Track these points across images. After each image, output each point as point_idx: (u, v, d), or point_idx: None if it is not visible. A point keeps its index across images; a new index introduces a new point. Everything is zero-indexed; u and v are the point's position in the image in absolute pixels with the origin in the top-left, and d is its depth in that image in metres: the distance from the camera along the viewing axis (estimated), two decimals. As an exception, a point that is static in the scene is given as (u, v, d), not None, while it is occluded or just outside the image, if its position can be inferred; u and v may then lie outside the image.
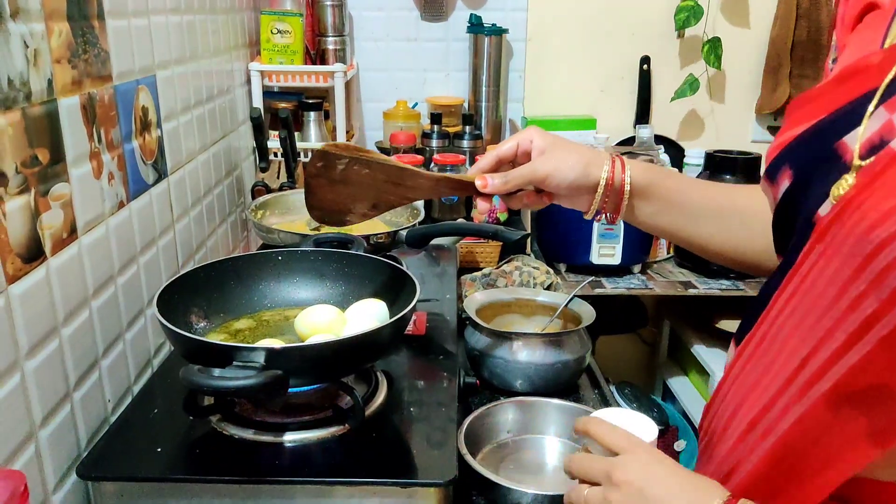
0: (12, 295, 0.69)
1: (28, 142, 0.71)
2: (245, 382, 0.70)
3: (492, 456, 0.94)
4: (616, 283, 1.80)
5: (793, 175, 0.63)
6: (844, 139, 0.59)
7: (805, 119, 0.64)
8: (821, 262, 0.57)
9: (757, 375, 0.63)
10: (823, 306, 0.56)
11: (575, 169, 0.81)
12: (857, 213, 0.54)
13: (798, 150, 0.64)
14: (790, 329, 0.60)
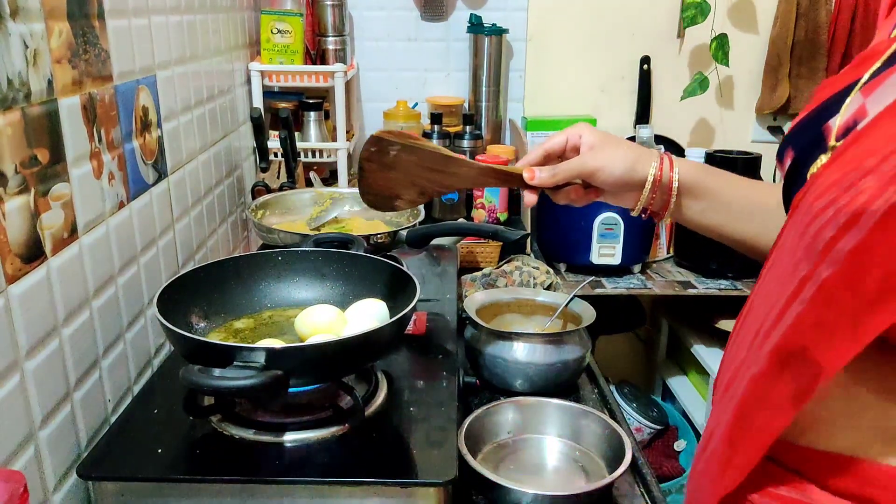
0: (12, 295, 0.69)
1: (28, 142, 0.71)
2: (245, 382, 0.70)
3: (492, 456, 0.94)
4: (616, 282, 1.80)
5: (793, 155, 0.66)
6: (829, 122, 0.61)
7: (815, 103, 0.66)
8: (787, 239, 0.60)
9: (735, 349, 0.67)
10: (782, 279, 0.58)
11: (624, 164, 0.81)
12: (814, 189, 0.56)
13: (798, 132, 0.66)
14: (759, 302, 0.63)
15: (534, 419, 0.98)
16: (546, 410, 0.98)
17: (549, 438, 0.97)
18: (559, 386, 1.07)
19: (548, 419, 0.98)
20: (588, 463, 0.93)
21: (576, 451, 0.95)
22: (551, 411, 0.98)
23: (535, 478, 0.92)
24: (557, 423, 0.98)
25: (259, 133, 1.55)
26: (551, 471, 0.94)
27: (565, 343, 1.06)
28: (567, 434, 0.97)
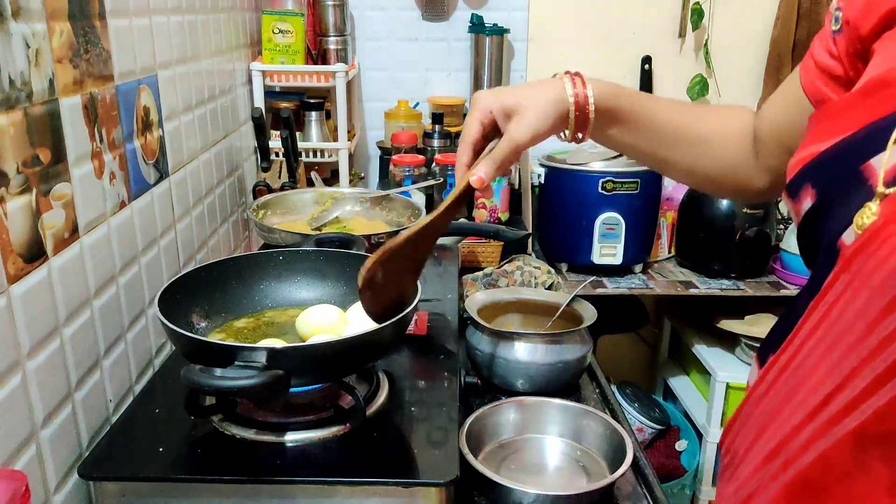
0: (13, 295, 0.69)
1: (29, 141, 0.71)
2: (246, 382, 0.70)
3: (493, 456, 0.94)
4: (617, 282, 1.80)
5: (815, 195, 0.59)
6: (871, 161, 0.54)
7: (829, 135, 0.60)
8: (847, 294, 0.54)
9: (780, 401, 0.61)
10: (851, 341, 0.53)
11: (549, 117, 0.77)
12: (885, 246, 0.51)
13: (820, 169, 0.60)
14: (816, 359, 0.57)
15: (535, 419, 0.98)
16: (547, 410, 0.98)
17: (550, 438, 0.97)
18: (560, 386, 1.07)
19: (549, 419, 0.98)
20: (589, 463, 0.93)
21: (577, 451, 0.95)
22: (553, 411, 0.98)
23: (537, 478, 0.92)
24: (559, 423, 0.98)
25: (260, 133, 1.55)
26: (553, 471, 0.94)
27: (566, 343, 1.06)
28: (568, 434, 0.97)
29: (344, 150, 1.81)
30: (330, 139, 1.87)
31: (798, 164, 0.62)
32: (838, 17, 0.66)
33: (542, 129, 0.77)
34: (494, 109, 0.78)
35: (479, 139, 0.80)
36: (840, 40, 0.67)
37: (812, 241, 0.61)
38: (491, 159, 0.78)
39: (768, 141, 0.80)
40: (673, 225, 1.93)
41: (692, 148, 0.82)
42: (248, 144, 1.62)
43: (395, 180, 1.84)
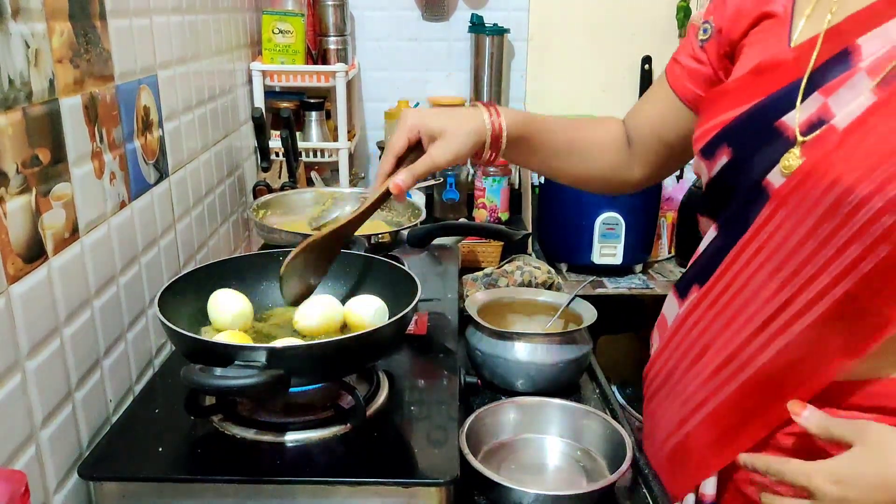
0: (13, 295, 0.69)
1: (29, 142, 0.71)
2: (246, 382, 0.70)
3: (493, 456, 0.94)
4: (617, 282, 1.80)
5: (732, 152, 0.76)
6: (783, 119, 0.72)
7: (731, 106, 0.77)
8: (788, 223, 0.70)
9: (725, 320, 0.77)
10: (804, 256, 0.69)
11: (468, 143, 0.88)
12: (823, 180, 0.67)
13: (735, 130, 0.76)
14: (763, 279, 0.73)
15: (535, 419, 0.98)
16: (547, 410, 0.98)
17: (550, 438, 0.97)
18: (561, 386, 1.07)
19: (549, 419, 0.98)
20: (589, 463, 0.93)
21: (577, 451, 0.95)
22: (553, 411, 0.98)
23: (537, 478, 0.92)
24: (559, 423, 0.98)
25: (260, 133, 1.55)
26: (553, 471, 0.94)
27: (567, 343, 1.06)
28: (568, 434, 0.97)
29: (344, 150, 1.81)
30: (330, 139, 1.87)
31: (711, 130, 0.78)
32: (707, 28, 0.86)
33: (460, 155, 0.88)
34: (422, 130, 0.88)
35: (403, 152, 0.89)
36: (709, 47, 0.86)
37: (724, 191, 0.78)
38: (410, 171, 0.87)
39: (646, 136, 0.97)
40: (673, 225, 1.93)
41: (579, 157, 0.99)
42: (248, 144, 1.62)
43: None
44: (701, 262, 0.84)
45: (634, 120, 1.00)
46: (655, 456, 0.91)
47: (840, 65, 0.69)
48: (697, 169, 0.85)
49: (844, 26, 0.71)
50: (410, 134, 0.88)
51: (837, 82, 0.69)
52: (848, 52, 0.69)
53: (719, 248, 0.79)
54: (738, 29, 0.82)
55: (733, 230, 0.77)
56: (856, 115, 0.67)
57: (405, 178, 0.87)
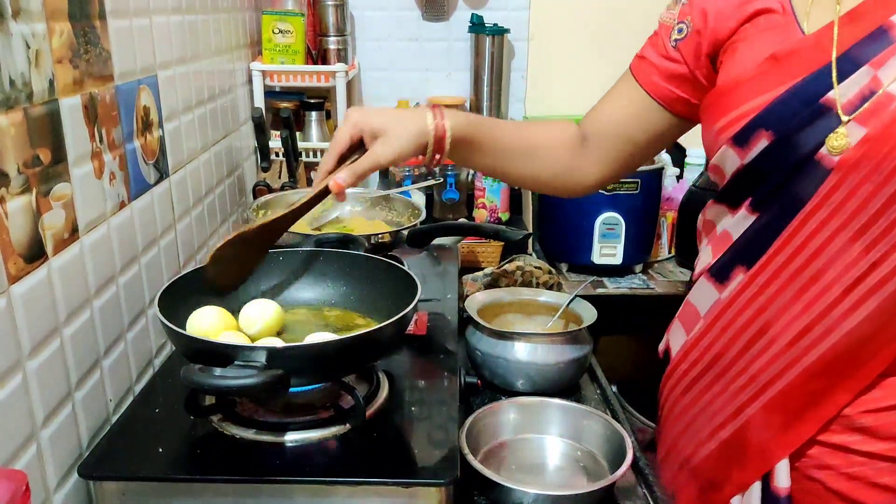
0: (14, 295, 0.69)
1: (29, 142, 0.71)
2: (246, 382, 0.70)
3: (493, 456, 0.94)
4: (617, 282, 1.80)
5: (773, 134, 0.76)
6: (827, 96, 0.73)
7: (759, 92, 0.78)
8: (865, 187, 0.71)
9: (793, 293, 0.76)
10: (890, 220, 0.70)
11: (411, 143, 0.87)
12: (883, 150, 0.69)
13: (773, 114, 0.77)
14: (842, 245, 0.73)
15: (535, 419, 0.98)
16: (547, 410, 0.98)
17: (550, 438, 0.97)
18: (561, 386, 1.07)
19: (549, 419, 0.98)
20: (590, 463, 0.93)
21: (577, 451, 0.95)
22: (553, 411, 0.98)
23: (537, 478, 0.92)
24: (559, 423, 0.98)
25: (260, 133, 1.55)
26: (553, 471, 0.94)
27: (567, 343, 1.06)
28: (569, 434, 0.97)
29: (344, 150, 1.80)
30: (330, 139, 1.87)
31: (741, 118, 0.79)
32: (683, 28, 0.88)
33: (403, 154, 0.87)
34: (364, 128, 0.87)
35: (345, 150, 0.88)
36: (684, 46, 0.88)
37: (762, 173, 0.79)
38: (351, 169, 0.86)
39: (608, 135, 0.97)
40: (673, 225, 1.93)
41: (528, 158, 0.97)
42: (248, 144, 1.62)
43: (394, 180, 1.84)
44: (739, 244, 0.82)
45: (596, 120, 0.99)
46: (698, 450, 0.86)
47: (880, 41, 0.72)
48: (720, 161, 0.84)
49: (862, 9, 0.74)
50: (353, 131, 0.87)
51: (886, 55, 0.72)
52: (884, 29, 0.72)
53: (765, 226, 0.79)
54: (723, 28, 0.84)
55: (780, 208, 0.78)
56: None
57: (345, 175, 0.86)
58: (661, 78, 0.92)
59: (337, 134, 0.88)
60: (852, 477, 0.77)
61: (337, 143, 0.88)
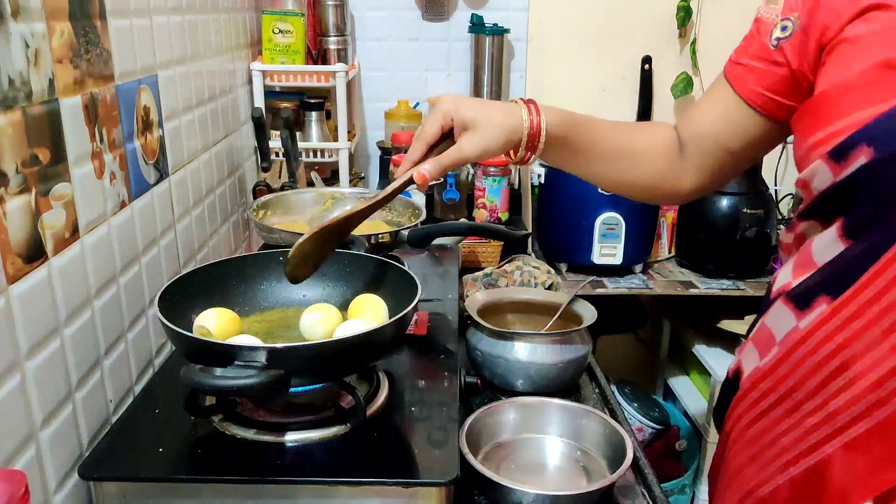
0: (13, 295, 0.69)
1: (29, 141, 0.71)
2: (246, 382, 0.70)
3: (493, 455, 0.94)
4: (617, 282, 1.80)
5: (873, 152, 0.69)
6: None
7: (866, 104, 0.70)
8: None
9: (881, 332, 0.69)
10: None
11: (501, 139, 0.84)
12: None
13: (879, 128, 0.69)
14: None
15: (535, 419, 0.98)
16: (547, 410, 0.98)
17: (550, 438, 0.97)
18: (560, 386, 1.07)
19: (549, 419, 0.98)
20: (589, 463, 0.93)
21: (577, 451, 0.95)
22: (552, 411, 0.98)
23: (537, 478, 0.92)
24: (559, 423, 0.98)
25: (260, 133, 1.55)
26: (553, 471, 0.94)
27: (566, 343, 1.06)
28: (568, 434, 0.97)
29: (344, 150, 1.81)
30: (330, 139, 1.87)
31: (843, 131, 0.71)
32: (788, 26, 0.79)
33: (492, 150, 0.84)
34: (455, 118, 0.84)
35: (435, 140, 0.85)
36: (789, 45, 0.79)
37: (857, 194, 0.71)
38: (437, 162, 0.84)
39: (703, 143, 0.90)
40: (673, 225, 1.93)
41: (625, 163, 0.92)
42: (248, 144, 1.62)
43: (394, 180, 1.83)
44: (825, 271, 0.75)
45: (691, 126, 0.93)
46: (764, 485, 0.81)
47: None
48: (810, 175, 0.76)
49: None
50: (444, 121, 0.84)
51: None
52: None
53: (857, 255, 0.72)
54: (834, 26, 0.75)
55: (876, 237, 0.70)
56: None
57: (431, 168, 0.84)
58: (758, 83, 0.84)
59: (426, 123, 0.85)
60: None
61: (426, 133, 0.85)
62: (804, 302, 0.76)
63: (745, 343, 0.87)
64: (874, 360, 0.70)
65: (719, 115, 0.89)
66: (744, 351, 0.87)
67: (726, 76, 0.88)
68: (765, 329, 0.83)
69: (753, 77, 0.84)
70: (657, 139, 0.93)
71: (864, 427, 0.71)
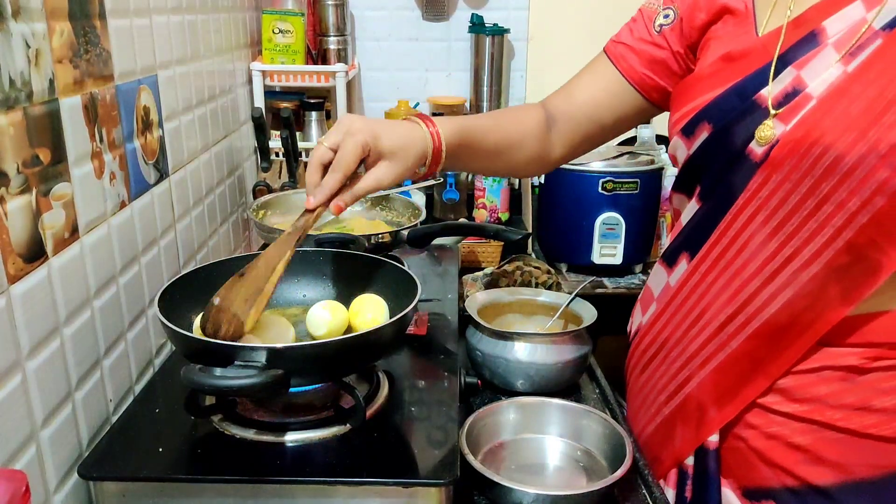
0: (14, 295, 0.69)
1: (29, 141, 0.71)
2: (246, 382, 0.70)
3: (493, 456, 0.94)
4: (617, 282, 1.80)
5: (712, 127, 0.83)
6: (760, 92, 0.80)
7: (708, 89, 0.84)
8: (785, 186, 0.77)
9: (726, 279, 0.83)
10: (805, 214, 0.76)
11: (415, 163, 0.88)
12: (816, 146, 0.75)
13: (715, 107, 0.83)
14: (763, 238, 0.79)
15: (535, 419, 0.98)
16: (547, 410, 0.98)
17: (550, 438, 0.97)
18: (560, 386, 1.07)
19: (549, 419, 0.98)
20: (589, 463, 0.93)
21: (577, 451, 0.95)
22: (552, 411, 0.98)
23: (537, 478, 0.92)
24: (559, 423, 0.98)
25: (260, 133, 1.55)
26: (553, 471, 0.94)
27: (567, 343, 1.06)
28: (568, 434, 0.97)
29: (344, 150, 1.80)
30: (330, 139, 1.87)
31: (690, 112, 0.85)
32: (669, 14, 0.93)
33: (405, 176, 0.88)
34: (373, 149, 0.84)
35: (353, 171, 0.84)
36: (669, 33, 0.93)
37: (704, 163, 0.85)
38: (353, 193, 0.85)
39: (578, 117, 1.01)
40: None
41: (508, 154, 1.01)
42: (248, 144, 1.62)
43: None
44: (686, 232, 0.89)
45: (566, 102, 1.03)
46: (647, 426, 0.95)
47: (809, 44, 0.79)
48: (673, 150, 0.90)
49: (808, 15, 0.80)
50: (363, 153, 0.83)
51: (808, 57, 0.78)
52: (815, 34, 0.79)
53: (706, 216, 0.86)
54: (697, 20, 0.90)
55: (719, 199, 0.84)
56: (829, 83, 0.76)
57: (348, 199, 0.84)
58: (640, 63, 0.96)
59: (344, 153, 0.82)
60: (771, 436, 0.83)
61: (346, 165, 0.83)
62: (672, 259, 0.91)
63: (635, 305, 1.03)
64: (718, 307, 0.84)
65: (598, 90, 1.00)
66: (634, 313, 1.03)
67: (608, 54, 1.01)
68: (647, 289, 0.99)
69: (636, 56, 0.96)
70: (529, 125, 1.01)
71: (718, 359, 0.85)
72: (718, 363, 0.85)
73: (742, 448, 0.86)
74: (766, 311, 0.80)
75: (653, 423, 0.95)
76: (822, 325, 0.78)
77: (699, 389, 0.87)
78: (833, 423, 0.80)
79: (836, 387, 0.80)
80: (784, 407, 0.82)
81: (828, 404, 0.80)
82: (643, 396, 0.98)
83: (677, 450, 0.91)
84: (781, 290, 0.79)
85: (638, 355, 0.99)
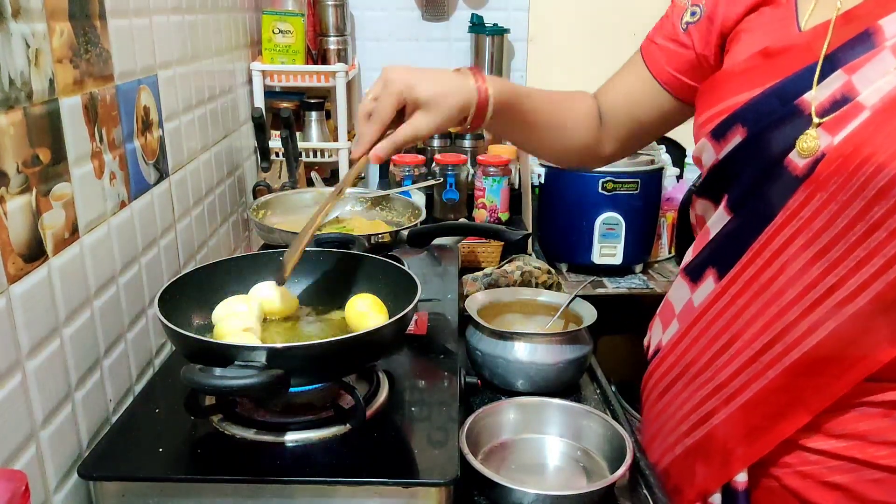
0: (13, 295, 0.69)
1: (29, 141, 0.71)
2: (246, 382, 0.70)
3: (493, 456, 0.94)
4: (617, 282, 1.80)
5: (746, 131, 0.76)
6: (804, 97, 0.72)
7: (743, 88, 0.77)
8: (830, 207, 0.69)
9: (761, 305, 0.76)
10: (853, 240, 0.68)
11: (453, 114, 0.84)
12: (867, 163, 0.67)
13: (751, 110, 0.76)
14: (804, 263, 0.72)
15: (535, 419, 0.98)
16: (547, 410, 0.98)
17: (550, 438, 0.97)
18: (560, 386, 1.07)
19: (549, 419, 0.98)
20: (589, 463, 0.93)
21: (577, 451, 0.95)
22: (553, 411, 0.98)
23: (537, 478, 0.92)
24: (559, 423, 0.98)
25: (260, 133, 1.55)
26: (553, 471, 0.94)
27: (567, 343, 1.06)
28: (568, 434, 0.97)
29: (344, 150, 1.81)
30: (330, 139, 1.87)
31: (723, 112, 0.78)
32: (696, 12, 0.87)
33: (444, 127, 0.85)
34: (409, 98, 0.83)
35: (391, 121, 0.84)
36: (695, 31, 0.86)
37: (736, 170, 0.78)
38: (391, 141, 0.84)
39: (619, 114, 0.98)
40: (673, 225, 1.93)
41: (558, 132, 0.97)
42: (248, 144, 1.62)
43: (394, 180, 1.84)
44: (714, 245, 0.82)
45: (607, 98, 1.00)
46: (665, 455, 0.89)
47: (862, 44, 0.69)
48: (699, 152, 0.84)
49: (861, 10, 0.71)
50: (398, 102, 0.83)
51: (861, 61, 0.69)
52: (870, 33, 0.69)
53: (738, 231, 0.79)
54: (732, 16, 0.83)
55: (753, 213, 0.77)
56: (885, 93, 0.67)
57: (387, 147, 0.83)
58: (666, 62, 0.91)
59: (380, 103, 0.83)
60: (805, 475, 0.77)
61: (383, 116, 0.83)
62: (696, 274, 0.84)
63: (654, 319, 0.95)
64: (752, 335, 0.76)
65: (632, 89, 0.97)
66: (652, 327, 0.95)
67: (642, 53, 0.96)
68: (667, 303, 0.92)
69: (664, 56, 0.91)
70: (581, 112, 0.98)
71: (751, 392, 0.78)
72: (752, 395, 0.77)
73: (775, 487, 0.80)
74: (807, 343, 0.73)
75: (671, 452, 0.88)
76: (871, 363, 0.71)
77: (727, 423, 0.80)
78: (875, 462, 0.74)
79: (880, 423, 0.74)
80: (819, 444, 0.76)
81: (869, 441, 0.74)
82: (661, 422, 0.90)
83: (700, 485, 0.85)
84: (823, 321, 0.71)
85: (657, 377, 0.91)
